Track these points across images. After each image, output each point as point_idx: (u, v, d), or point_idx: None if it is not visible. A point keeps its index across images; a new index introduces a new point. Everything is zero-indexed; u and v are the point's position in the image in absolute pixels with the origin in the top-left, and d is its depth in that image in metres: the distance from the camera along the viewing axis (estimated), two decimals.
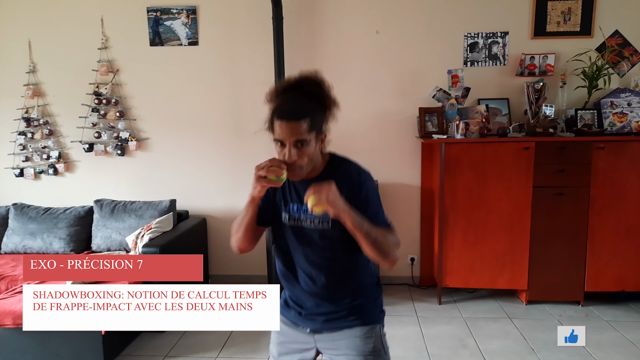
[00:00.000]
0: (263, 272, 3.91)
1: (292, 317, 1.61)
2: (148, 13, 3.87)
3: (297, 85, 1.43)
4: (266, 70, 3.78)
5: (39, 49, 4.01)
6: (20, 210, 3.85)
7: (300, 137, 1.35)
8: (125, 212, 3.72)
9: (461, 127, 3.36)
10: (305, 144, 1.36)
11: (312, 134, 1.38)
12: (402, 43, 3.73)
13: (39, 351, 2.78)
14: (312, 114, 1.38)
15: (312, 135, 1.37)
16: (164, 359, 2.87)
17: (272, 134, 1.41)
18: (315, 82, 1.44)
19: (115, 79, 3.97)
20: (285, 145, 1.37)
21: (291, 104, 1.39)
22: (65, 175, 4.14)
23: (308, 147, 1.37)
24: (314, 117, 1.38)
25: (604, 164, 3.32)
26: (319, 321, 1.55)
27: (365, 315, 1.54)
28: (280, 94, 1.44)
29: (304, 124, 1.35)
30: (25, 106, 4.04)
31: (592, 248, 3.39)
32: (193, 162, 4.04)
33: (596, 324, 3.23)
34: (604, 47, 3.60)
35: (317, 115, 1.40)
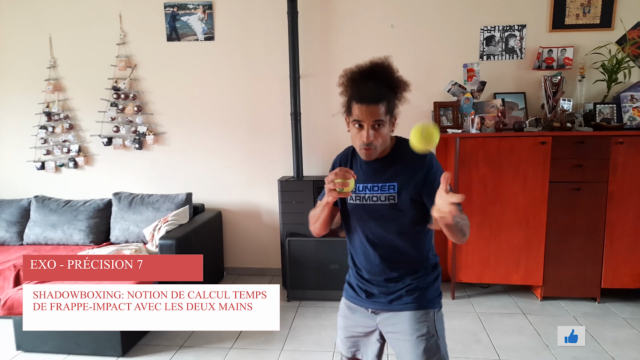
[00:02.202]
0: (277, 265, 3.95)
1: (355, 298, 1.68)
2: (165, 9, 3.92)
3: (370, 71, 1.54)
4: (281, 65, 3.80)
5: (59, 44, 4.09)
6: (41, 203, 3.95)
7: (378, 118, 1.47)
8: (143, 205, 3.78)
9: (476, 121, 3.34)
10: (382, 125, 1.49)
11: (387, 116, 1.50)
12: (417, 37, 3.71)
13: (59, 339, 2.86)
14: (388, 98, 1.50)
15: (387, 118, 1.50)
16: (180, 349, 2.93)
17: (348, 117, 1.54)
18: (385, 68, 1.55)
19: (133, 74, 4.03)
20: (364, 127, 1.49)
21: (369, 89, 1.50)
22: (84, 168, 4.23)
23: (383, 128, 1.50)
24: (389, 101, 1.50)
25: (623, 159, 3.26)
26: (380, 302, 1.62)
27: (422, 298, 1.59)
28: (355, 81, 1.56)
29: (382, 107, 1.47)
30: (46, 101, 4.14)
31: (609, 244, 3.34)
32: (209, 156, 4.09)
33: (613, 321, 3.19)
34: (625, 39, 3.53)
35: (391, 99, 1.52)
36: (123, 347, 2.84)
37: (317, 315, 3.36)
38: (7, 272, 3.22)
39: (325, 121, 3.90)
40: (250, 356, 2.84)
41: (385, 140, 1.52)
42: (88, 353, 2.85)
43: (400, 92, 1.57)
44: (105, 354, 2.83)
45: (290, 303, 3.56)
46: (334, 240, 3.55)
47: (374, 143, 1.50)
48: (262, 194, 4.07)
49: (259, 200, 4.09)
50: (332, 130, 3.91)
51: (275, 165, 4.01)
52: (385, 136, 1.51)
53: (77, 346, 2.85)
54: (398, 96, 1.56)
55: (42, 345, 2.89)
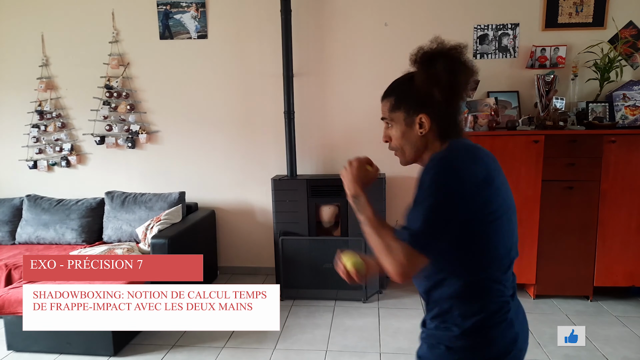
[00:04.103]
0: (271, 264, 3.94)
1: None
2: (158, 7, 3.90)
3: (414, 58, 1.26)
4: (275, 63, 3.79)
5: (51, 42, 4.07)
6: (33, 202, 3.93)
7: (383, 115, 1.31)
8: (136, 204, 3.77)
9: (470, 120, 3.34)
10: (391, 125, 1.29)
11: (397, 114, 1.26)
12: (410, 35, 3.71)
13: (50, 339, 2.84)
14: (396, 94, 1.28)
15: (396, 116, 1.27)
16: (172, 349, 2.92)
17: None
18: (418, 58, 1.25)
19: (126, 72, 4.01)
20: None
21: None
22: (77, 167, 4.21)
23: (392, 128, 1.29)
24: (399, 97, 1.27)
25: (615, 158, 3.27)
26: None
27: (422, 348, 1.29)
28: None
29: (387, 103, 1.29)
30: (38, 99, 4.11)
31: (602, 243, 3.35)
32: (202, 154, 4.07)
33: (605, 319, 3.20)
34: (617, 38, 3.54)
35: (406, 96, 1.26)
36: (115, 347, 2.82)
37: (311, 314, 3.36)
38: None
39: (319, 120, 3.89)
40: (243, 355, 2.83)
41: (400, 143, 1.28)
42: (80, 353, 2.83)
43: (428, 89, 1.21)
44: (97, 354, 2.82)
45: (284, 302, 3.55)
46: (327, 239, 3.55)
47: (392, 145, 1.31)
48: (255, 192, 4.06)
49: (253, 199, 4.08)
50: (326, 129, 3.91)
51: (269, 164, 4.00)
52: (398, 137, 1.27)
53: (69, 346, 2.84)
54: (421, 94, 1.22)
55: (34, 344, 2.87)
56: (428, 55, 1.23)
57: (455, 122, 1.26)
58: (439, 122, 1.23)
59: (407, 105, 1.25)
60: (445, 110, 1.23)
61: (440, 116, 1.23)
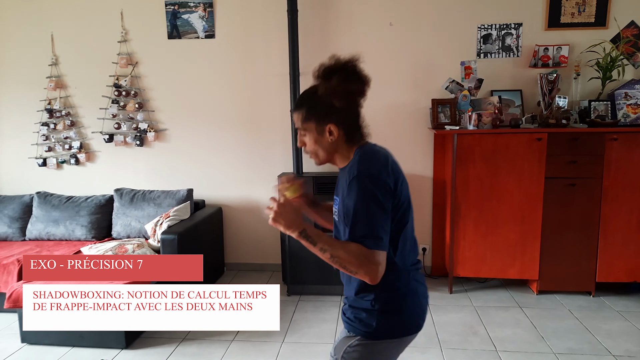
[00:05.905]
0: (277, 260, 3.99)
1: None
2: (166, 6, 3.96)
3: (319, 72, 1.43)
4: (281, 63, 3.84)
5: (61, 42, 4.13)
6: (43, 199, 3.99)
7: (296, 125, 1.46)
8: (144, 201, 3.83)
9: (474, 118, 3.39)
10: (304, 133, 1.44)
11: (309, 124, 1.42)
12: (415, 35, 3.76)
13: (63, 332, 2.89)
14: (307, 105, 1.42)
15: (308, 126, 1.42)
16: (182, 342, 2.98)
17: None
18: (319, 74, 1.42)
19: (134, 71, 4.07)
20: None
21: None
22: (86, 165, 4.27)
23: (306, 137, 1.44)
24: (309, 109, 1.42)
25: (617, 156, 3.32)
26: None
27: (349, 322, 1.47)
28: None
29: (299, 115, 1.44)
30: (48, 98, 4.17)
31: (604, 239, 3.41)
32: (209, 152, 4.13)
33: (607, 314, 3.25)
34: (619, 38, 3.59)
35: (314, 108, 1.41)
36: (127, 340, 2.89)
37: (317, 309, 3.42)
38: (11, 267, 3.26)
39: None
40: (252, 348, 2.89)
41: (314, 149, 1.44)
42: (92, 345, 2.89)
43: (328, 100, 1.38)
44: (109, 347, 2.88)
45: (290, 297, 3.61)
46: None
47: (306, 150, 1.46)
48: (262, 190, 4.11)
49: (259, 196, 4.14)
50: None
51: (275, 161, 4.05)
52: (311, 144, 1.43)
53: (81, 339, 2.90)
54: (327, 105, 1.39)
55: (47, 338, 2.93)
56: (327, 70, 1.40)
57: (359, 126, 1.45)
58: (345, 128, 1.41)
59: (317, 116, 1.41)
60: (347, 117, 1.42)
61: (345, 122, 1.41)
